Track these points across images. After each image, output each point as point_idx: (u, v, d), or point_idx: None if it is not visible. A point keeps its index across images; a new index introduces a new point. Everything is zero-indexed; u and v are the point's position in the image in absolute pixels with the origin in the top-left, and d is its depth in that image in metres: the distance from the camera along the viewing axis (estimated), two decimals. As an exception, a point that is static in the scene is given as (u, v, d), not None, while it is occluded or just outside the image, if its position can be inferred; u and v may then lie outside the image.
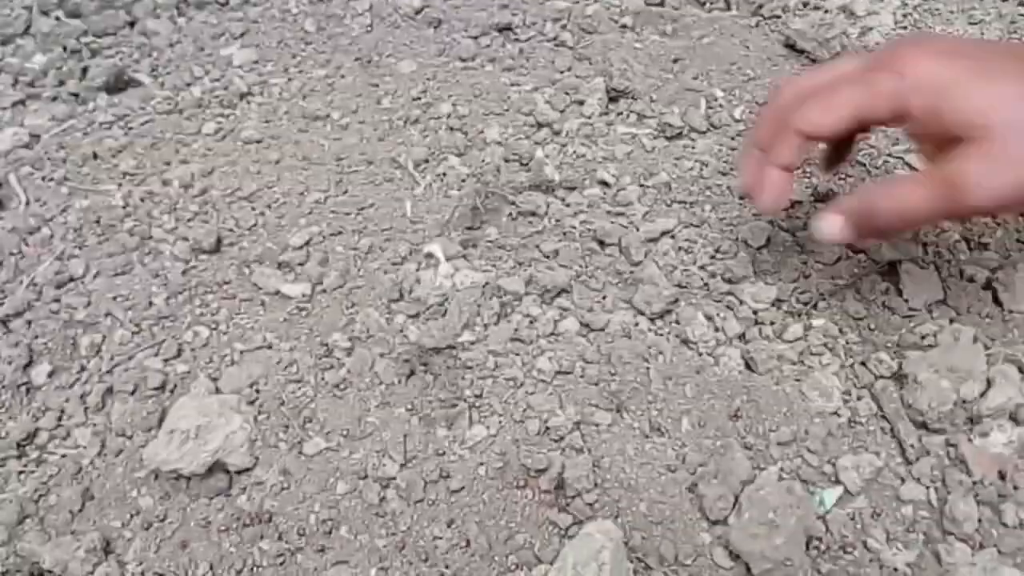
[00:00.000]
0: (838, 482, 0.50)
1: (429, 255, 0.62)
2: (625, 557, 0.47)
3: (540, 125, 0.75)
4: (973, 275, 0.60)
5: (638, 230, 0.64)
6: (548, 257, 0.63)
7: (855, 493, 0.50)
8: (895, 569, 0.47)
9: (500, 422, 0.53)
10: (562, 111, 0.76)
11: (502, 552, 0.49)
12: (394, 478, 0.51)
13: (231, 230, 0.67)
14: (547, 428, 0.52)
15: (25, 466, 0.54)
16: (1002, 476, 0.49)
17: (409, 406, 0.55)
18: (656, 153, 0.71)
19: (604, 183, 0.68)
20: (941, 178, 0.47)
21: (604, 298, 0.60)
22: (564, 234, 0.64)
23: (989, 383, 0.53)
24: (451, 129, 0.75)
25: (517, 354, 0.56)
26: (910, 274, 0.59)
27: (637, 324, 0.58)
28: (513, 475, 0.51)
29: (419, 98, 0.78)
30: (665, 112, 0.75)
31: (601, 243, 0.63)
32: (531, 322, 0.58)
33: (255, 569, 0.49)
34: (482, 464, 0.52)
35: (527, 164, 0.71)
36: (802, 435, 0.52)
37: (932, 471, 0.50)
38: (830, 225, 0.52)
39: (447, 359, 0.56)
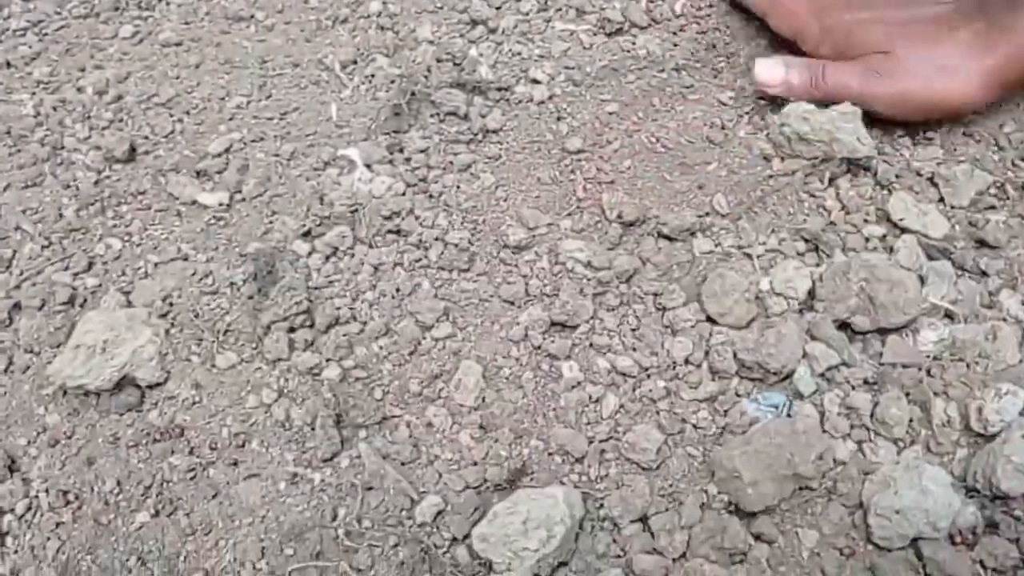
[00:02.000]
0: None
1: (348, 160, 0.60)
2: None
3: (475, 23, 0.71)
4: (919, 169, 0.57)
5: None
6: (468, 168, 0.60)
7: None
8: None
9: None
10: (498, 8, 0.72)
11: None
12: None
13: (146, 138, 0.64)
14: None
15: (-72, 385, 0.52)
16: (929, 373, 0.48)
17: (327, 316, 0.53)
18: (594, 50, 0.68)
19: (536, 81, 0.65)
20: (865, 67, 0.57)
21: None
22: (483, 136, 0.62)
23: (923, 281, 0.51)
24: (381, 28, 0.71)
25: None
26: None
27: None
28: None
29: (348, -4, 0.74)
30: (605, 7, 0.71)
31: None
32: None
33: (165, 484, 0.48)
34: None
35: (460, 64, 0.67)
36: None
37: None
38: (771, 69, 0.60)
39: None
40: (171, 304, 0.54)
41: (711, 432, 0.48)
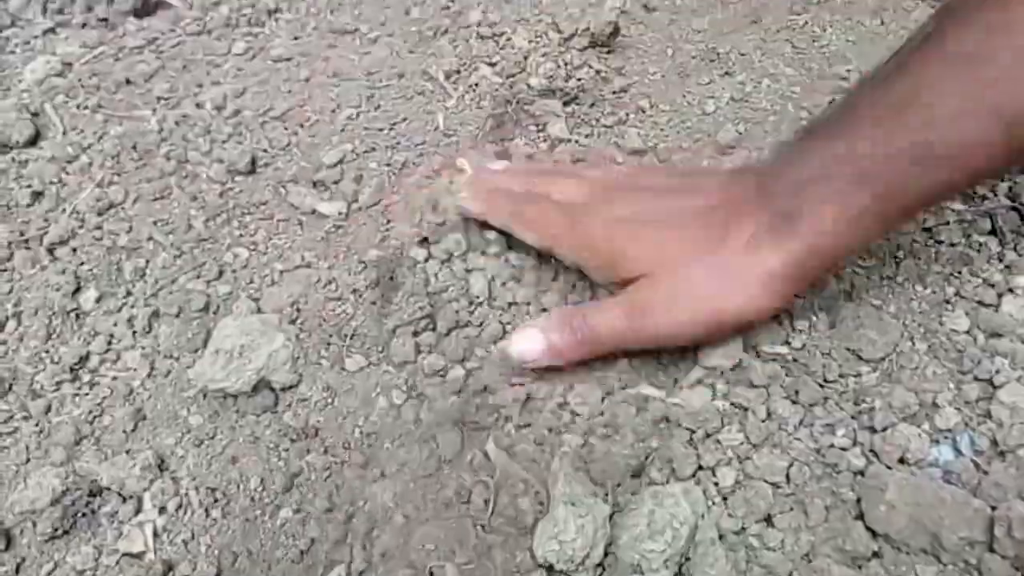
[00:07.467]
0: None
1: (459, 169, 0.62)
2: None
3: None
4: None
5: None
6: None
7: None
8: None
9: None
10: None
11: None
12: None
13: (265, 150, 0.67)
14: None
15: (79, 389, 0.55)
16: None
17: (447, 320, 0.55)
18: (693, 54, 0.69)
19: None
20: (631, 303, 0.49)
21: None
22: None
23: None
24: (482, 38, 0.73)
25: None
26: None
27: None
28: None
29: (448, 7, 0.76)
30: (702, 10, 0.72)
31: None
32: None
33: (306, 481, 0.50)
34: (521, 376, 0.52)
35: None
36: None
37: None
38: (528, 340, 0.50)
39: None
40: (299, 310, 0.57)
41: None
